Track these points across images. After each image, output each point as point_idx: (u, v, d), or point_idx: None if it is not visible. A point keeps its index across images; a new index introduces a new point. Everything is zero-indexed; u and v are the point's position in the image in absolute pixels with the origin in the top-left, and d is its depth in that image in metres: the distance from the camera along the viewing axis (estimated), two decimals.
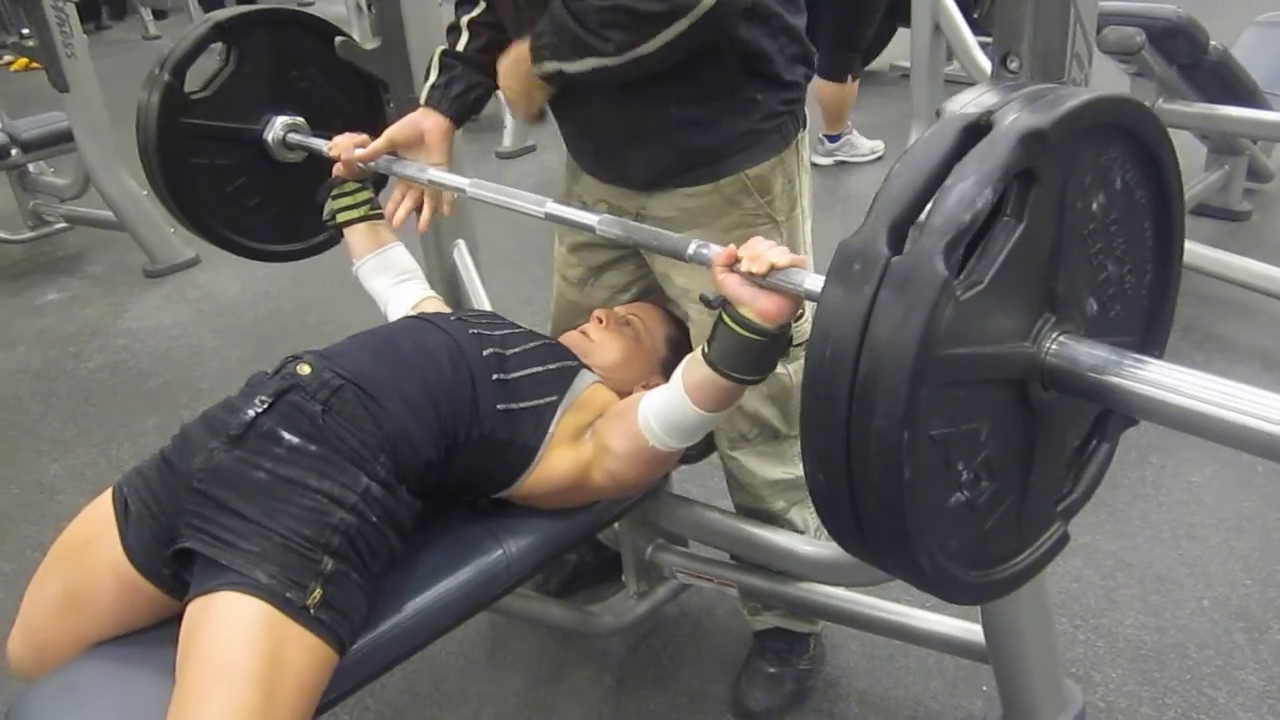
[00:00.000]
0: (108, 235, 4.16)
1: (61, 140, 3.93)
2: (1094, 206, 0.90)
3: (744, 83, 1.44)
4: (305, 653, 1.14)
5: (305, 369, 1.33)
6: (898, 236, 0.80)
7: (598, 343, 1.58)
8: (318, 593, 1.16)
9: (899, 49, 5.52)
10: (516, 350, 1.46)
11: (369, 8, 1.83)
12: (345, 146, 1.65)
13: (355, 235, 1.71)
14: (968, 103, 0.86)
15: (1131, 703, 1.80)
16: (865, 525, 0.86)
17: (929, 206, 0.79)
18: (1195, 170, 3.58)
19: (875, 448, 0.79)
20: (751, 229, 1.52)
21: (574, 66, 1.34)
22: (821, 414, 0.82)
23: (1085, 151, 0.87)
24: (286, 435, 1.26)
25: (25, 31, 3.69)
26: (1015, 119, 0.81)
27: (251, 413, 1.28)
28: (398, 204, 1.63)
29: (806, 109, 1.56)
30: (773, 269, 1.07)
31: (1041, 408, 0.91)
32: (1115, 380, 0.84)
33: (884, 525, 0.84)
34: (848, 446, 0.81)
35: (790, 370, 1.60)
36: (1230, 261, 2.89)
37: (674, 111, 1.43)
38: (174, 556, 1.23)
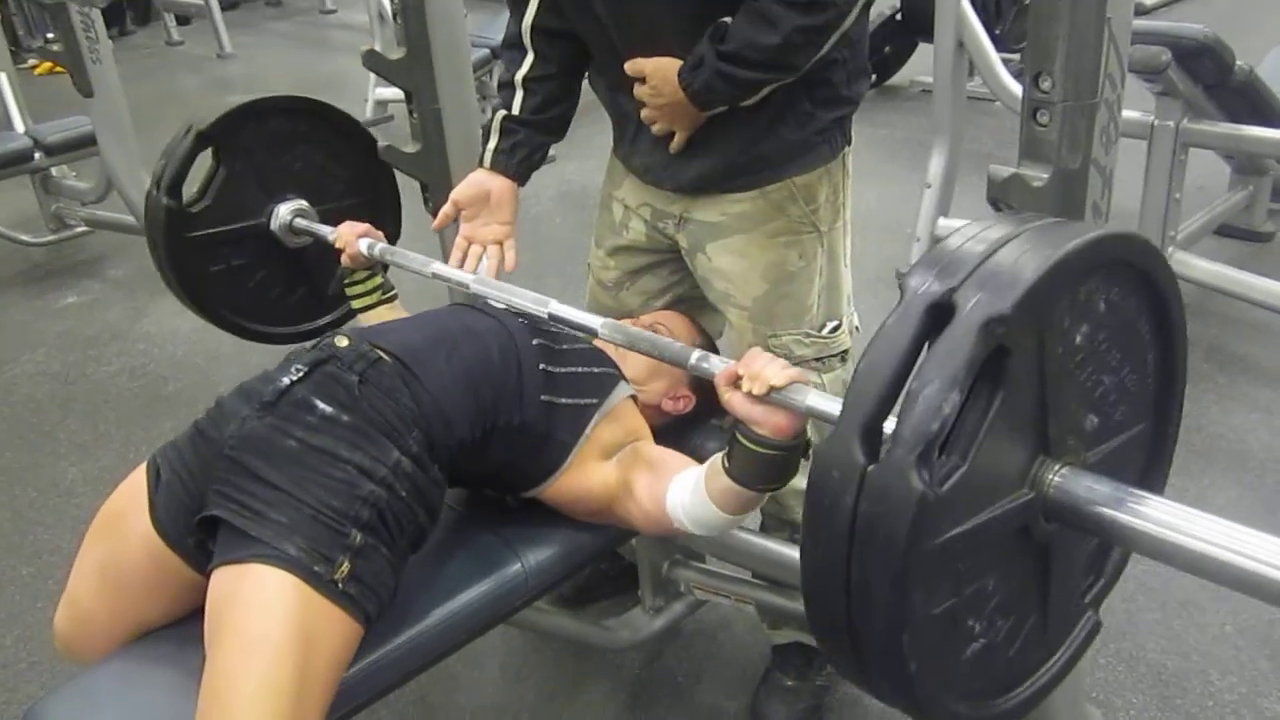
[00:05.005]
0: (128, 239, 4.16)
1: (84, 144, 3.93)
2: (1078, 340, 0.87)
3: (805, 95, 1.45)
4: (333, 627, 1.14)
5: (343, 341, 1.33)
6: (872, 440, 0.79)
7: (625, 354, 1.57)
8: (346, 566, 1.16)
9: (920, 64, 5.51)
10: (564, 347, 1.46)
11: (394, 17, 1.83)
12: (349, 239, 1.67)
13: (372, 319, 1.73)
14: (929, 277, 0.80)
15: None
16: (884, 698, 0.87)
17: (899, 407, 0.77)
18: (1219, 190, 3.55)
19: (878, 648, 0.80)
20: (796, 235, 1.53)
21: None
22: (824, 610, 0.83)
23: (1060, 304, 0.83)
24: (320, 404, 1.26)
25: (50, 36, 3.72)
26: (976, 303, 0.76)
27: (286, 380, 1.28)
28: (460, 262, 1.64)
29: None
30: (771, 390, 1.06)
31: (1049, 540, 0.89)
32: (1115, 515, 0.83)
33: (899, 702, 0.85)
34: (854, 640, 0.81)
35: (825, 380, 1.60)
36: (1253, 283, 2.87)
37: (735, 118, 1.44)
38: (199, 525, 1.23)
